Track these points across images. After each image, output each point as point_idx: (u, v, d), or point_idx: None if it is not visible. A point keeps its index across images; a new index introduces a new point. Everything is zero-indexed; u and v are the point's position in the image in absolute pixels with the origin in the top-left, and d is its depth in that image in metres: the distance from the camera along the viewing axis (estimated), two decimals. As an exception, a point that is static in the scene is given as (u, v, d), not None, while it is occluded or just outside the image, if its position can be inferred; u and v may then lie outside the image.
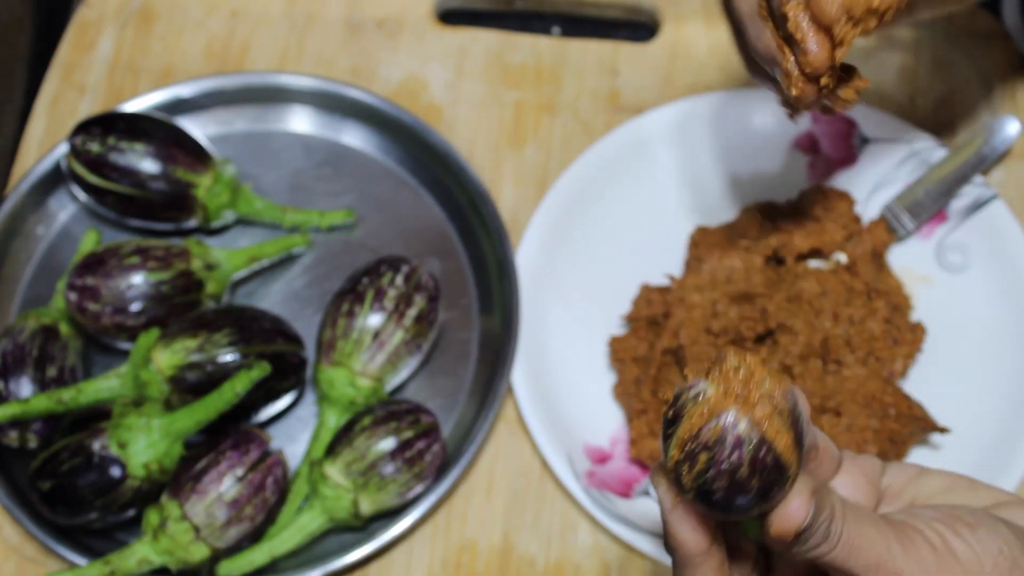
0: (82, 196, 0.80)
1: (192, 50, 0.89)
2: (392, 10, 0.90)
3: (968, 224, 0.80)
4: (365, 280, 0.75)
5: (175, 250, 0.75)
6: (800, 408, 0.44)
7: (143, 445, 0.69)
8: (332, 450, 0.71)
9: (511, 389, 0.76)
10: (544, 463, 0.76)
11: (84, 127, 0.78)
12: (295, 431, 0.77)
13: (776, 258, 0.78)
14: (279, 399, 0.75)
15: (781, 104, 0.61)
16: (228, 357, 0.71)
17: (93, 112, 0.86)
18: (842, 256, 0.77)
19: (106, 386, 0.72)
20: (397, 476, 0.71)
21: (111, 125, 0.78)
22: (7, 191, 0.82)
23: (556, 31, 0.92)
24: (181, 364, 0.71)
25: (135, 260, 0.74)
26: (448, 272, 0.81)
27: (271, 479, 0.70)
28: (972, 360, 0.77)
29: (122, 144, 0.77)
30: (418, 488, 0.72)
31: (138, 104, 0.83)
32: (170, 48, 0.89)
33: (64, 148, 0.79)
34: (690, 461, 0.43)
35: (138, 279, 0.74)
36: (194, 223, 0.80)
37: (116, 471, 0.69)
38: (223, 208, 0.80)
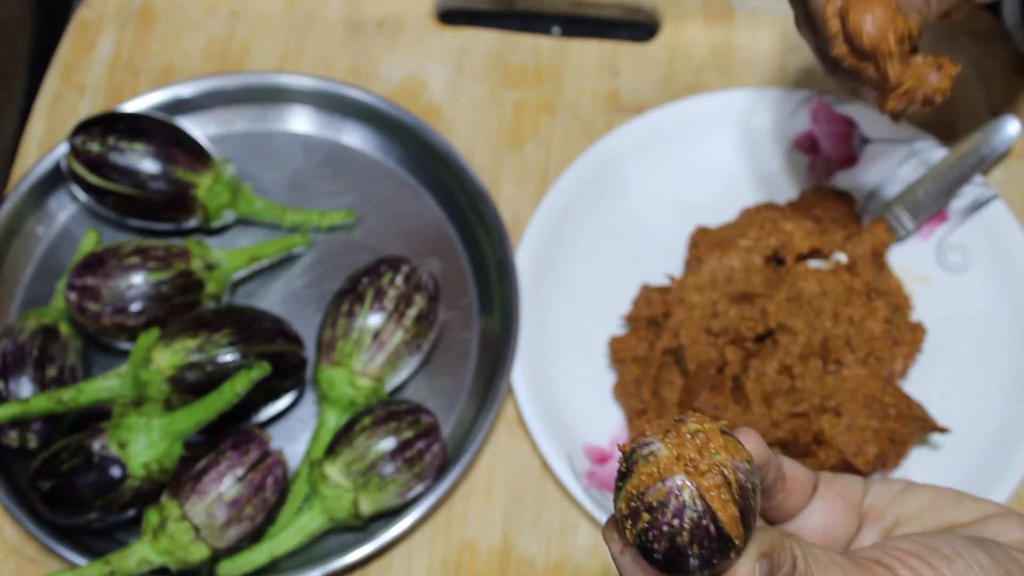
0: (82, 196, 0.80)
1: (192, 50, 0.89)
2: (392, 10, 0.90)
3: (968, 224, 0.80)
4: (365, 280, 0.75)
5: (175, 250, 0.75)
6: (753, 481, 0.43)
7: (143, 445, 0.69)
8: (332, 450, 0.71)
9: (511, 389, 0.76)
10: (544, 463, 0.76)
11: (84, 127, 0.78)
12: (295, 431, 0.77)
13: (776, 258, 0.78)
14: (279, 399, 0.75)
15: (874, 105, 0.64)
16: (228, 357, 0.71)
17: (93, 112, 0.86)
18: (842, 256, 0.77)
19: (106, 386, 0.72)
20: (397, 476, 0.71)
21: (111, 125, 0.78)
22: (7, 191, 0.82)
23: (556, 31, 0.92)
24: (181, 364, 0.71)
25: (135, 260, 0.74)
26: (448, 272, 0.81)
27: (271, 479, 0.70)
28: (972, 360, 0.77)
29: (122, 144, 0.77)
30: (418, 488, 0.72)
31: (138, 104, 0.83)
32: (170, 48, 0.89)
33: (64, 148, 0.79)
34: (633, 518, 0.42)
35: (138, 279, 0.74)
36: (194, 223, 0.80)
37: (116, 471, 0.69)
38: (223, 208, 0.80)
